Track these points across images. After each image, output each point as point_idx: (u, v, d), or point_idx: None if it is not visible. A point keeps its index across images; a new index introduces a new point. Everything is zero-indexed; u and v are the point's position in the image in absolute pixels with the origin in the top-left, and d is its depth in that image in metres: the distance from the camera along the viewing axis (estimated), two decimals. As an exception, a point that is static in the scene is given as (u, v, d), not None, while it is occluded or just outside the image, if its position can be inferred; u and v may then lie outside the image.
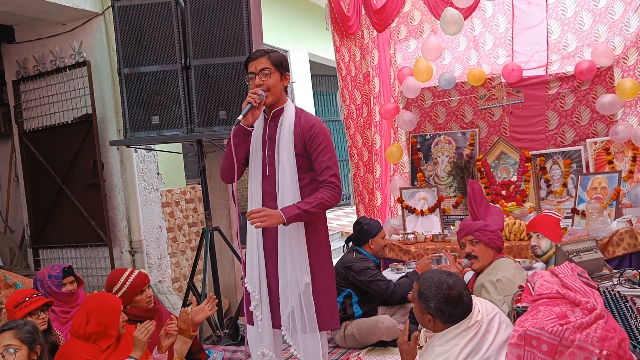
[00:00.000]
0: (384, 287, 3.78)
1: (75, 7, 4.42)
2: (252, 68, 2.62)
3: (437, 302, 2.26)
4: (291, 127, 2.64)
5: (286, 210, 2.53)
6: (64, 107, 4.78)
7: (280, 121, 2.66)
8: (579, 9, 4.73)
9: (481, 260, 3.15)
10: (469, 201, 3.32)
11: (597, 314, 2.06)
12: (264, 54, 2.62)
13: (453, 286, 2.27)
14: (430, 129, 5.43)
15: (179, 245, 5.39)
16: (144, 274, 3.16)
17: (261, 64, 2.60)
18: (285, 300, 2.63)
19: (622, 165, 4.54)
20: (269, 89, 2.60)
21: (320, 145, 2.64)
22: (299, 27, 8.78)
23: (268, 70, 2.60)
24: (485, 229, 3.17)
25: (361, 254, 3.94)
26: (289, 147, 2.62)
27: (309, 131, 2.65)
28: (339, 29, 5.39)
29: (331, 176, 2.61)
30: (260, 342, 2.69)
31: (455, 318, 2.26)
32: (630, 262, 3.95)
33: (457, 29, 4.64)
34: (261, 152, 2.69)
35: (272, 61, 2.61)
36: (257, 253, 2.69)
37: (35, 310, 2.87)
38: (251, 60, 2.64)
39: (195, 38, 3.87)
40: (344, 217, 9.64)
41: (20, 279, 3.86)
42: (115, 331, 2.74)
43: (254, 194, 2.70)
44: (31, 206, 5.02)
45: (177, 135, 3.96)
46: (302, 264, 2.61)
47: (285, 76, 2.67)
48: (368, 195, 5.63)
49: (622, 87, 4.39)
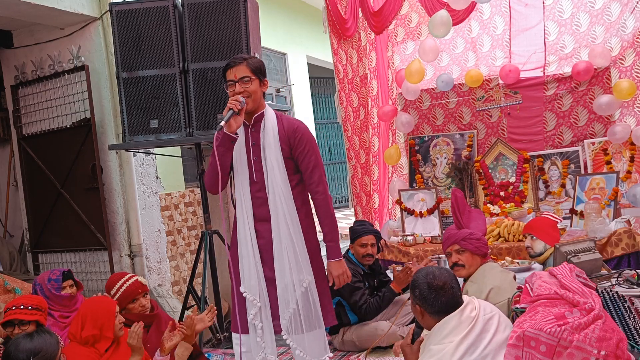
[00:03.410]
0: (358, 305, 3.78)
1: (73, 12, 4.42)
2: (231, 76, 2.61)
3: (421, 289, 2.36)
4: (275, 131, 2.65)
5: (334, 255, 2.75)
6: (62, 111, 4.78)
7: (262, 126, 2.67)
8: (576, 10, 4.75)
9: (468, 268, 3.18)
10: (453, 210, 3.34)
11: (595, 315, 2.07)
12: (242, 61, 2.61)
13: (439, 276, 2.37)
14: (428, 130, 5.44)
15: (178, 249, 5.39)
16: (139, 282, 3.10)
17: (241, 72, 2.60)
18: (285, 303, 2.64)
19: (620, 165, 4.56)
20: (250, 96, 2.60)
21: (305, 146, 2.69)
22: (296, 30, 8.78)
23: (248, 78, 2.60)
24: (471, 237, 3.19)
25: (351, 263, 3.90)
26: (276, 151, 2.64)
27: (294, 134, 2.68)
28: (336, 31, 5.40)
29: (319, 177, 2.70)
30: (259, 350, 2.68)
31: (439, 307, 2.32)
32: (629, 262, 3.96)
33: (445, 31, 4.63)
34: (246, 158, 2.69)
35: (251, 68, 2.61)
36: (254, 260, 2.68)
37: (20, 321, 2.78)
38: (230, 68, 2.62)
39: (193, 42, 3.87)
40: (343, 219, 9.64)
41: (20, 284, 3.86)
42: (111, 333, 2.73)
43: (243, 201, 2.70)
44: (30, 211, 5.02)
45: (176, 139, 3.96)
46: (304, 264, 2.65)
47: (264, 82, 2.68)
48: (366, 197, 5.64)
49: (619, 88, 4.40)
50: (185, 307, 4.25)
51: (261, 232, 2.70)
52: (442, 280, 2.35)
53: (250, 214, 2.69)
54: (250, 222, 2.69)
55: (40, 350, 2.33)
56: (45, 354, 2.34)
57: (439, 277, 2.36)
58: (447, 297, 2.33)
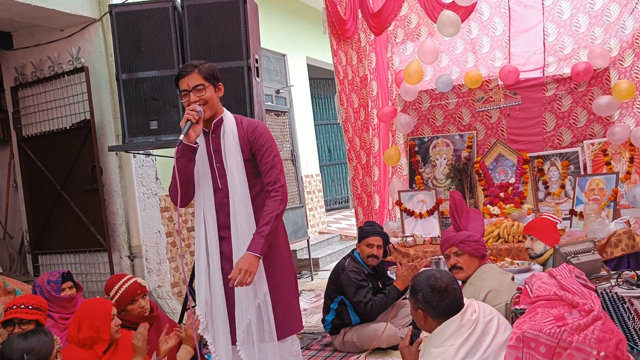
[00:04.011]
0: (362, 305, 3.79)
1: (73, 13, 4.43)
2: (184, 85, 2.55)
3: (424, 293, 2.31)
4: (235, 134, 2.61)
5: (253, 248, 2.47)
6: (62, 113, 4.78)
7: (222, 131, 2.63)
8: (575, 12, 4.76)
9: (466, 271, 3.16)
10: (451, 212, 3.32)
11: (595, 316, 2.07)
12: (193, 69, 2.54)
13: (440, 278, 2.32)
14: (428, 131, 5.45)
15: (178, 250, 5.39)
16: (138, 284, 3.09)
17: (193, 80, 2.54)
18: (241, 314, 2.58)
19: (619, 166, 4.56)
20: (206, 103, 2.55)
21: (264, 144, 2.63)
22: (296, 31, 8.79)
23: (202, 86, 2.55)
24: (470, 239, 3.16)
25: (356, 262, 3.93)
26: (235, 155, 2.59)
27: (253, 133, 2.64)
28: (336, 32, 5.41)
29: (276, 177, 2.59)
30: None
31: (443, 310, 2.28)
32: (629, 263, 3.96)
33: (455, 31, 4.65)
34: (208, 166, 2.64)
35: (204, 75, 2.55)
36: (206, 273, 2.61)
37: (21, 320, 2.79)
38: (181, 78, 2.56)
39: (192, 43, 3.87)
40: (343, 220, 9.64)
41: (20, 285, 3.86)
42: (107, 335, 2.72)
43: (205, 209, 2.63)
44: (30, 212, 5.02)
45: (176, 140, 3.96)
46: (259, 274, 2.53)
47: (219, 87, 2.63)
48: (367, 198, 5.64)
49: (619, 89, 4.41)
50: (184, 308, 4.25)
51: (227, 239, 2.64)
52: (444, 282, 2.31)
53: (213, 222, 2.62)
54: (210, 231, 2.62)
55: (34, 349, 2.32)
56: (39, 352, 2.33)
57: (440, 279, 2.33)
58: (451, 299, 2.30)
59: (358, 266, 3.90)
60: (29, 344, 2.33)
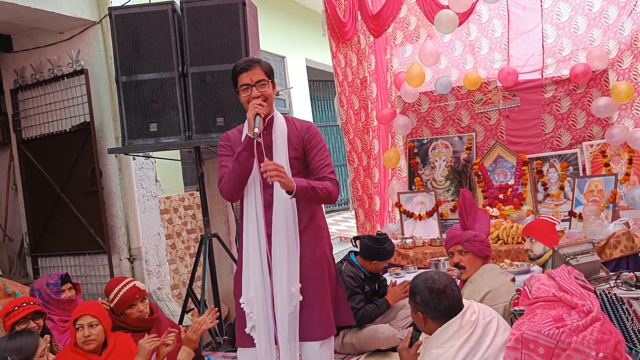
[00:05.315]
0: (354, 312, 3.75)
1: (73, 16, 4.44)
2: (246, 79, 2.52)
3: (422, 295, 2.32)
4: (284, 133, 2.61)
5: (297, 180, 2.45)
6: (62, 115, 4.79)
7: (273, 129, 2.61)
8: (574, 14, 4.76)
9: (469, 271, 3.16)
10: (460, 211, 3.31)
11: (593, 317, 2.07)
12: (256, 64, 2.53)
13: (438, 280, 2.33)
14: (427, 133, 5.45)
15: (177, 252, 5.40)
16: (136, 288, 3.06)
17: (256, 75, 2.51)
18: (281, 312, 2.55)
19: (618, 167, 4.56)
20: (267, 99, 2.54)
21: (318, 144, 2.64)
22: (295, 33, 8.81)
23: (264, 81, 2.53)
24: (475, 239, 3.16)
25: (353, 266, 3.91)
26: (283, 152, 2.59)
27: (307, 132, 2.65)
28: (335, 34, 5.42)
29: (331, 173, 2.61)
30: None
31: (442, 312, 2.29)
32: (627, 265, 3.96)
33: (452, 27, 4.65)
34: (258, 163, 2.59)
35: (265, 71, 2.55)
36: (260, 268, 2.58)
37: (24, 319, 2.83)
38: (244, 71, 2.52)
39: (192, 45, 3.89)
40: (343, 222, 9.64)
41: (20, 288, 3.86)
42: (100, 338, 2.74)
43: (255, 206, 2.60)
44: (30, 214, 5.02)
45: (175, 143, 3.97)
46: (293, 275, 2.53)
47: (274, 85, 2.63)
48: (368, 199, 5.65)
49: (617, 90, 4.42)
50: (184, 310, 4.25)
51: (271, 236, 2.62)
52: (442, 284, 2.32)
53: (262, 218, 2.58)
54: (261, 228, 2.58)
55: (17, 349, 2.40)
56: (21, 351, 2.40)
57: (438, 281, 2.33)
58: (449, 301, 2.30)
59: (355, 270, 3.88)
60: (12, 345, 2.41)
